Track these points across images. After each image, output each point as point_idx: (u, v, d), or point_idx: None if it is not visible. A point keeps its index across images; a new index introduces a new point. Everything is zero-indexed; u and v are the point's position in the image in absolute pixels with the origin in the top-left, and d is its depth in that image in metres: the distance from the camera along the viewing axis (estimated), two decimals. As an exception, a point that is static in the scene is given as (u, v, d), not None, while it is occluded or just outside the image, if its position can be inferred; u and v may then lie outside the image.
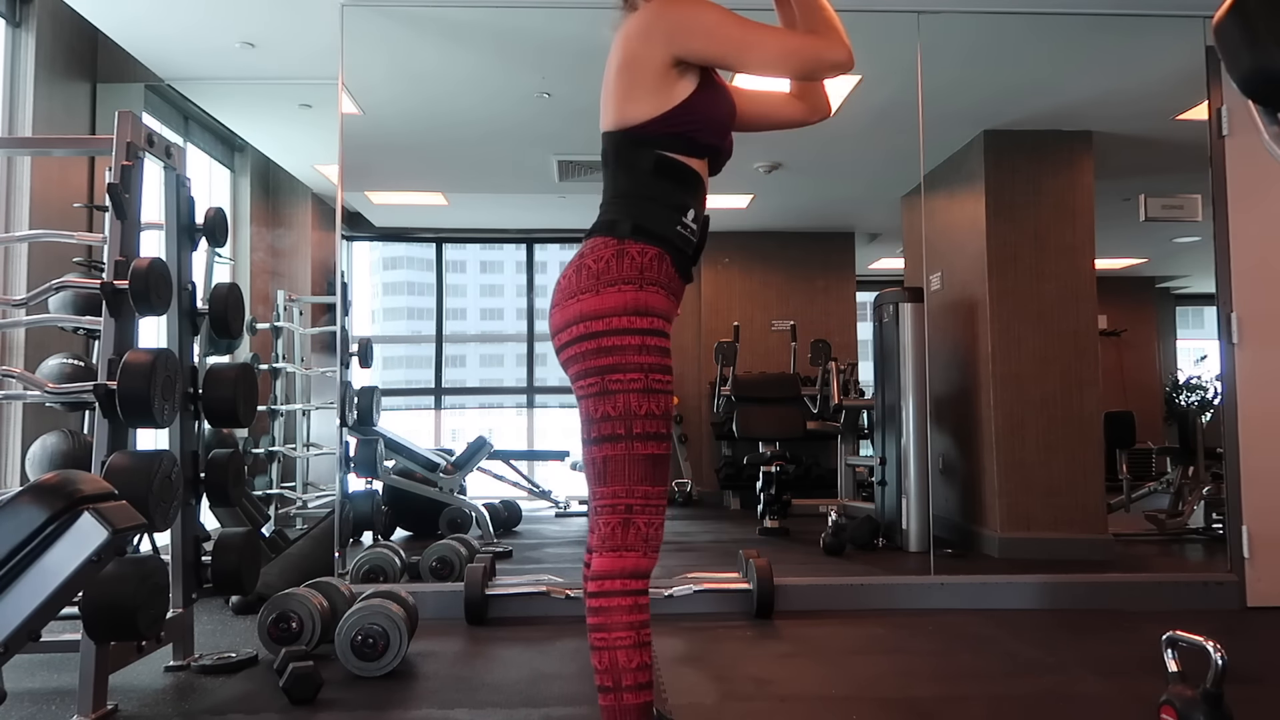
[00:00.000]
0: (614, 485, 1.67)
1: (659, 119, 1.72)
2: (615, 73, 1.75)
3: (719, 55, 1.72)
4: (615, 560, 1.66)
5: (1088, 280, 4.87)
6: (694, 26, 1.70)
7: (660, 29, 1.70)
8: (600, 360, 1.67)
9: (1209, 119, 3.85)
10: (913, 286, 5.19)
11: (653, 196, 1.74)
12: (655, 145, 1.74)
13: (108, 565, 1.97)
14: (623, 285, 1.68)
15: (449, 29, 3.98)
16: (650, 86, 1.72)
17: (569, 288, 1.72)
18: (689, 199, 1.76)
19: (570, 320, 1.70)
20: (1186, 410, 6.54)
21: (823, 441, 6.40)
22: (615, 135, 1.76)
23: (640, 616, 1.66)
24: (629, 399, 1.66)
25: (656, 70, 1.71)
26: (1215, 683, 1.75)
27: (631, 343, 1.67)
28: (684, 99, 1.73)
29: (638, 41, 1.72)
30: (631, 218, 1.72)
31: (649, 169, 1.74)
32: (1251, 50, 1.29)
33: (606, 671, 1.64)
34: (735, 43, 1.70)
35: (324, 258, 6.19)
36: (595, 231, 1.75)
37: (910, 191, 5.45)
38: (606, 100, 1.77)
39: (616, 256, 1.70)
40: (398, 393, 7.13)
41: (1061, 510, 4.75)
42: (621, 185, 1.77)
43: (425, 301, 7.14)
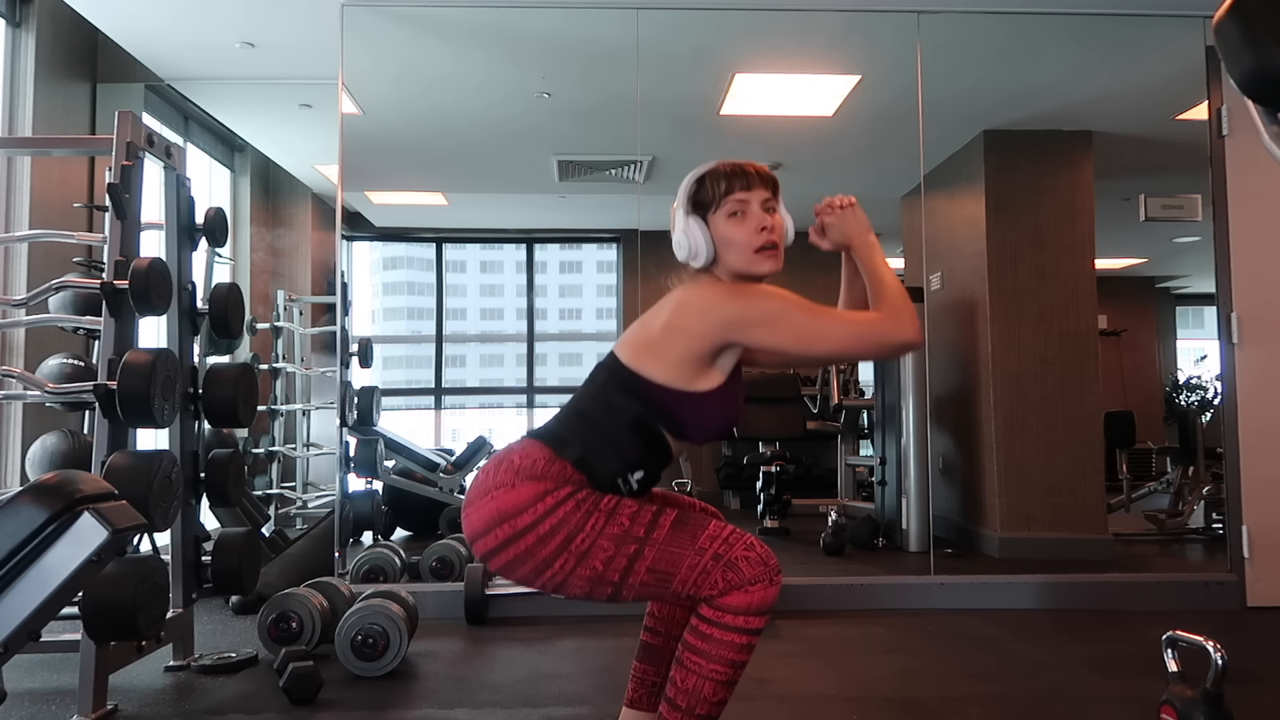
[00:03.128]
0: (681, 574, 1.62)
1: (667, 391, 1.71)
2: (659, 325, 1.73)
3: (780, 349, 1.71)
4: (742, 597, 1.60)
5: (1088, 280, 4.87)
6: (759, 319, 1.68)
7: (722, 317, 1.69)
8: (550, 547, 1.63)
9: (1209, 119, 3.85)
10: (913, 286, 5.16)
11: (613, 442, 1.72)
12: (647, 405, 1.72)
13: (108, 565, 1.97)
14: (542, 480, 1.66)
15: (449, 29, 3.98)
16: (680, 359, 1.70)
17: (485, 483, 1.69)
18: (646, 462, 1.74)
19: (491, 521, 1.66)
20: (1186, 410, 6.54)
21: (823, 441, 6.39)
22: (622, 368, 1.74)
23: (744, 657, 1.61)
24: (600, 539, 1.62)
25: (696, 351, 1.70)
26: (1215, 683, 1.75)
27: (566, 509, 1.64)
28: (701, 391, 1.72)
29: (695, 317, 1.70)
30: (583, 449, 1.70)
31: (628, 419, 1.72)
32: (1251, 50, 1.29)
33: (684, 693, 1.61)
34: (800, 335, 1.69)
35: (324, 258, 6.19)
36: (540, 435, 1.73)
37: (910, 191, 5.45)
38: (640, 333, 1.76)
39: (546, 463, 1.68)
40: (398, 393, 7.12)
41: (1061, 510, 4.75)
42: (591, 411, 1.75)
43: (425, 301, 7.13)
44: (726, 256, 1.78)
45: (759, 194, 1.78)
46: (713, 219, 1.78)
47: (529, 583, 1.68)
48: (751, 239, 1.76)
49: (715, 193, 1.77)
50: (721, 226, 1.77)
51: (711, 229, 1.78)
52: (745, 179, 1.78)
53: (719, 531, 1.64)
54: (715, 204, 1.77)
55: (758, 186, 1.78)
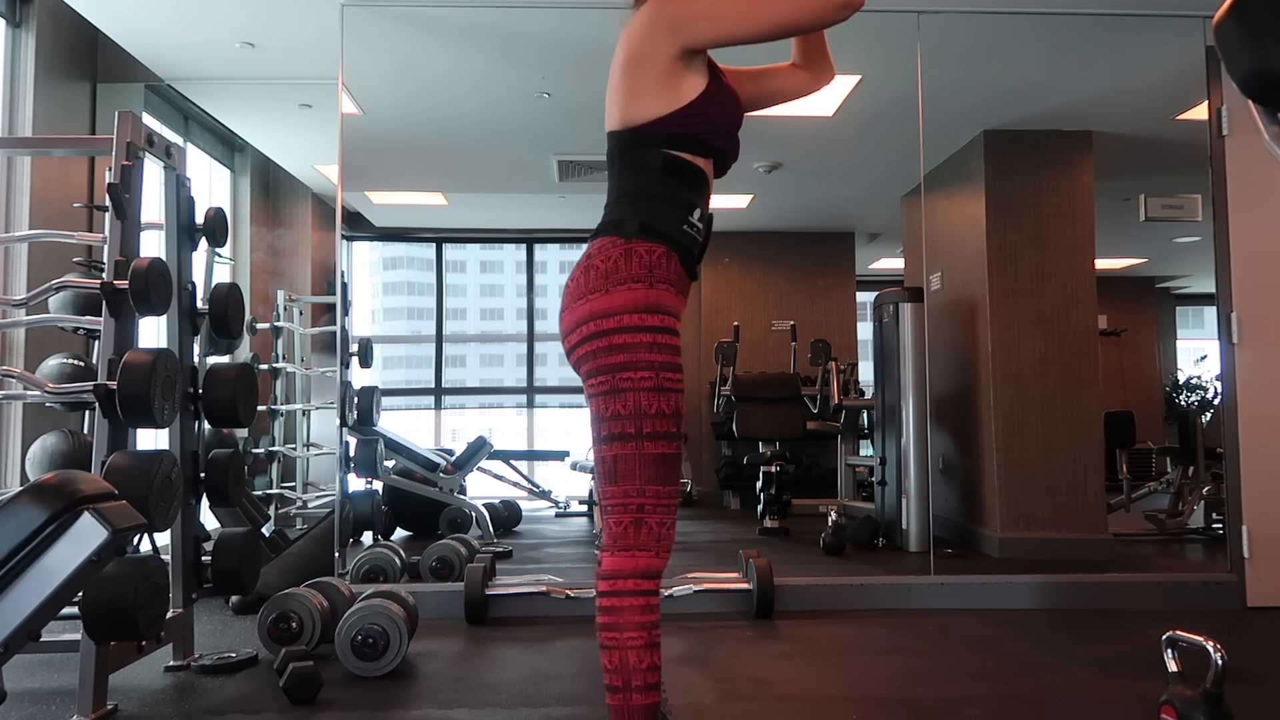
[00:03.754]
0: (625, 484, 1.66)
1: (667, 118, 1.71)
2: (620, 71, 1.74)
3: (727, 33, 1.70)
4: (627, 559, 1.65)
5: (1088, 280, 4.87)
6: (696, 10, 1.68)
7: (662, 22, 1.69)
8: (611, 358, 1.66)
9: (1209, 119, 3.85)
10: (913, 286, 5.19)
11: (660, 196, 1.73)
12: (662, 144, 1.73)
13: (108, 565, 1.97)
14: (632, 284, 1.67)
15: (449, 29, 3.98)
16: (657, 84, 1.71)
17: (578, 289, 1.71)
18: (695, 198, 1.75)
19: (580, 320, 1.69)
20: (1186, 410, 6.54)
21: (823, 441, 6.39)
22: (621, 134, 1.75)
23: (651, 617, 1.65)
24: (639, 397, 1.64)
25: (663, 67, 1.70)
26: (1215, 683, 1.75)
27: (643, 340, 1.66)
28: (692, 99, 1.72)
29: (642, 38, 1.71)
30: (638, 216, 1.71)
31: (656, 168, 1.73)
32: (1251, 50, 1.29)
33: (616, 671, 1.63)
34: (740, 16, 1.68)
35: (324, 258, 6.19)
36: (602, 231, 1.74)
37: (910, 191, 5.45)
38: (612, 99, 1.76)
39: (625, 255, 1.69)
40: (398, 393, 7.12)
41: (1061, 510, 4.75)
42: (627, 184, 1.76)
43: (425, 301, 7.14)
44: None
45: None
46: None
47: (584, 377, 1.71)
48: None
49: None
50: None
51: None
52: None
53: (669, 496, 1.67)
54: None
55: None
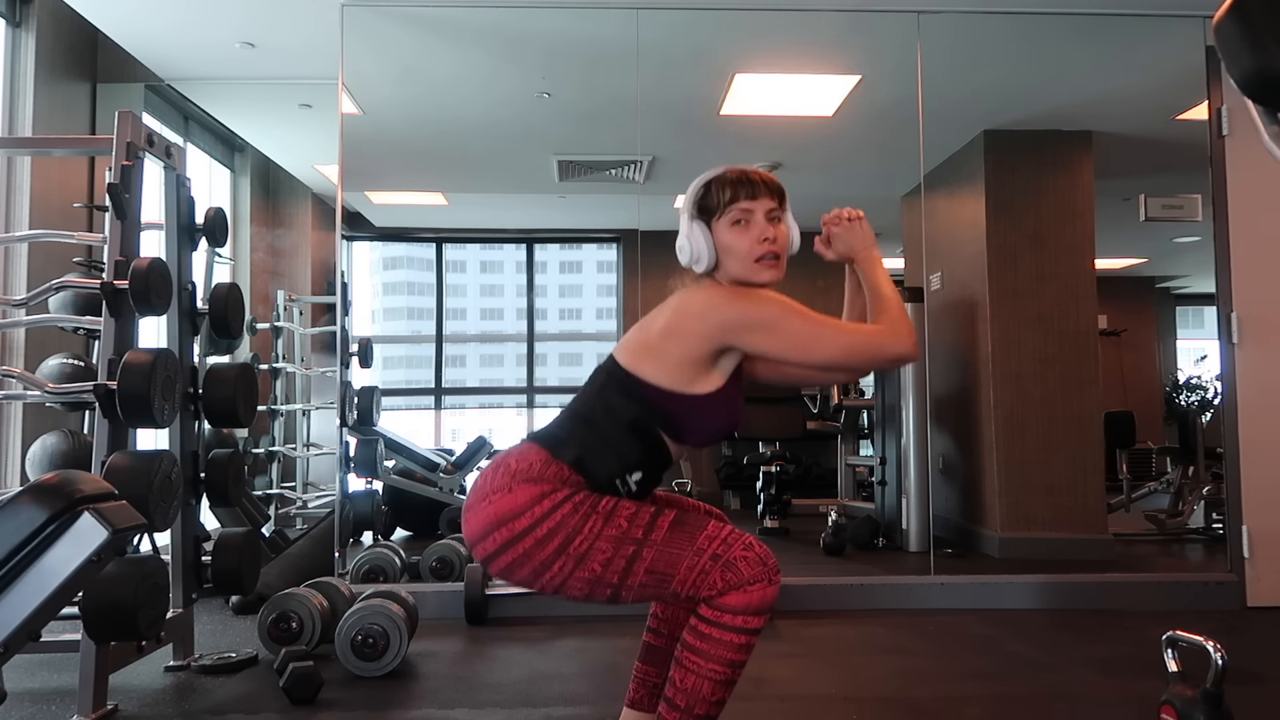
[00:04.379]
0: (681, 572, 1.62)
1: (666, 394, 1.71)
2: (658, 328, 1.73)
3: (779, 352, 1.71)
4: (740, 596, 1.59)
5: (1088, 280, 4.87)
6: (757, 323, 1.68)
7: (720, 320, 1.69)
8: (548, 550, 1.63)
9: (1209, 119, 3.85)
10: (913, 286, 5.19)
11: (613, 446, 1.72)
12: (644, 408, 1.72)
13: (108, 565, 1.97)
14: (539, 482, 1.66)
15: (449, 29, 3.98)
16: (678, 362, 1.71)
17: (483, 487, 1.69)
18: (645, 464, 1.74)
19: (489, 526, 1.66)
20: (1186, 410, 6.54)
21: (823, 441, 6.39)
22: (620, 369, 1.75)
23: (743, 657, 1.61)
24: (598, 541, 1.62)
25: (695, 354, 1.70)
26: (1215, 683, 1.75)
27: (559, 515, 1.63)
28: (700, 394, 1.72)
29: (694, 319, 1.71)
30: (580, 451, 1.70)
31: (626, 422, 1.72)
32: (1251, 50, 1.29)
33: (683, 693, 1.61)
34: (798, 341, 1.69)
35: (324, 258, 6.19)
36: (537, 438, 1.74)
37: (910, 191, 5.45)
38: (639, 336, 1.76)
39: (543, 465, 1.68)
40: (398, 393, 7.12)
41: (1061, 510, 4.75)
42: (592, 413, 1.75)
43: (425, 301, 7.13)
44: (728, 263, 1.78)
45: (764, 203, 1.78)
46: (716, 225, 1.78)
47: (529, 585, 1.68)
48: (753, 248, 1.76)
49: (720, 200, 1.77)
50: (724, 234, 1.77)
51: (715, 235, 1.78)
52: (751, 187, 1.78)
53: (717, 532, 1.64)
54: (720, 211, 1.77)
55: (763, 196, 1.78)
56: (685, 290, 1.77)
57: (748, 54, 4.22)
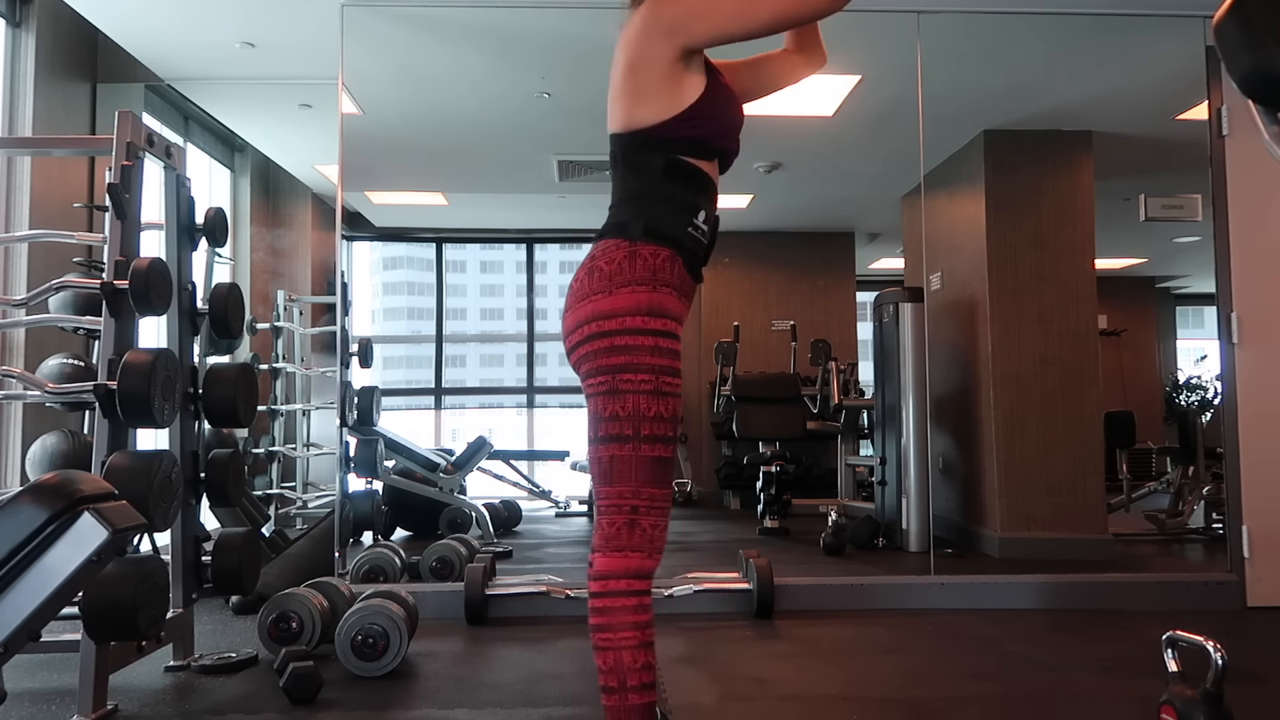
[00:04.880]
0: (620, 485, 1.66)
1: (669, 122, 1.72)
2: (621, 75, 1.74)
3: (724, 30, 1.70)
4: (619, 560, 1.65)
5: (1088, 280, 4.87)
6: (692, 10, 1.69)
7: (659, 24, 1.69)
8: (612, 359, 1.66)
9: (1209, 119, 3.85)
10: (913, 286, 5.20)
11: (664, 198, 1.73)
12: (666, 148, 1.73)
13: (108, 565, 1.97)
14: (636, 286, 1.67)
15: (449, 29, 3.98)
16: (658, 87, 1.71)
17: (581, 289, 1.71)
18: (700, 200, 1.75)
19: (583, 320, 1.69)
20: (1186, 410, 6.54)
21: (823, 441, 6.39)
22: (624, 137, 1.75)
23: (644, 616, 1.65)
24: (639, 400, 1.65)
25: (662, 69, 1.70)
26: (1215, 683, 1.75)
27: (644, 343, 1.66)
28: (693, 102, 1.72)
29: (640, 41, 1.71)
30: (644, 219, 1.71)
31: (660, 171, 1.73)
32: (1251, 50, 1.29)
33: (611, 671, 1.64)
34: (736, 11, 1.69)
35: (324, 258, 6.19)
36: (606, 233, 1.74)
37: (910, 191, 5.45)
38: (614, 102, 1.76)
39: (629, 258, 1.69)
40: (398, 393, 7.12)
41: (1061, 510, 4.75)
42: (632, 187, 1.76)
43: (425, 301, 7.14)
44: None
45: None
46: None
47: (584, 377, 1.71)
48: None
49: None
50: None
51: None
52: None
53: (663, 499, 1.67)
54: None
55: None
56: (623, 27, 1.77)
57: (747, 53, 4.21)
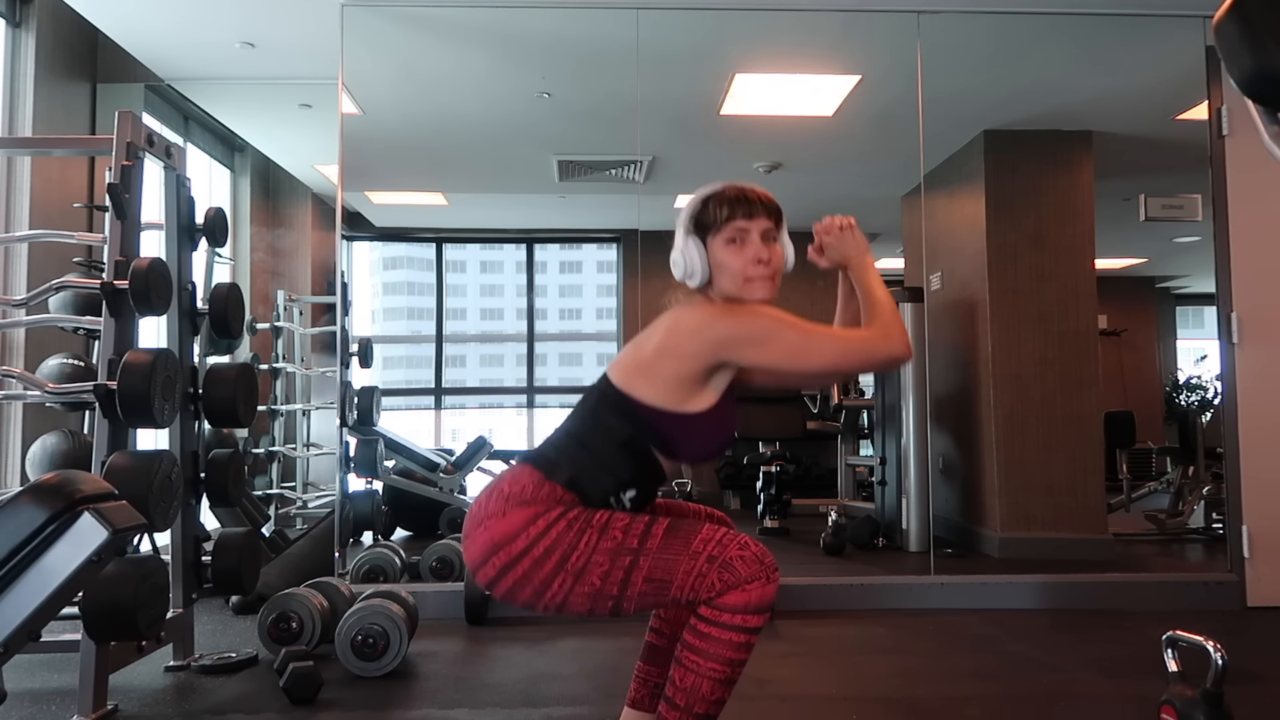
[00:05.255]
0: (679, 578, 1.62)
1: (659, 414, 1.72)
2: (652, 348, 1.74)
3: (773, 364, 1.71)
4: (739, 595, 1.60)
5: (1088, 280, 4.87)
6: (750, 338, 1.69)
7: (713, 337, 1.69)
8: (546, 567, 1.63)
9: (1209, 119, 3.85)
10: (913, 286, 5.19)
11: (606, 464, 1.73)
12: (638, 426, 1.72)
13: (108, 565, 1.97)
14: (532, 505, 1.67)
15: (449, 29, 3.98)
16: (671, 380, 1.71)
17: (478, 513, 1.70)
18: (639, 482, 1.75)
19: (486, 551, 1.67)
20: (1186, 410, 6.54)
21: (823, 441, 6.39)
22: (613, 389, 1.75)
23: (742, 656, 1.61)
24: (596, 555, 1.63)
25: (688, 372, 1.70)
26: (1215, 683, 1.75)
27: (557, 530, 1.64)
28: (693, 413, 1.72)
29: (686, 338, 1.71)
30: (573, 471, 1.71)
31: (620, 441, 1.73)
32: (1251, 50, 1.29)
33: (683, 691, 1.61)
34: (791, 352, 1.69)
35: (324, 258, 6.19)
36: (531, 460, 1.74)
37: (910, 191, 5.45)
38: (632, 355, 1.77)
39: (535, 486, 1.68)
40: (398, 393, 7.12)
41: (1061, 510, 4.75)
42: (583, 433, 1.76)
43: (425, 301, 7.14)
44: (721, 281, 1.78)
45: (760, 223, 1.77)
46: (711, 242, 1.77)
47: (533, 606, 1.68)
48: (747, 268, 1.76)
49: (717, 217, 1.77)
50: (719, 251, 1.77)
51: (709, 252, 1.77)
52: (748, 207, 1.77)
53: (712, 534, 1.64)
54: (715, 228, 1.77)
55: (760, 215, 1.78)
56: (678, 308, 1.77)
57: (748, 54, 4.22)
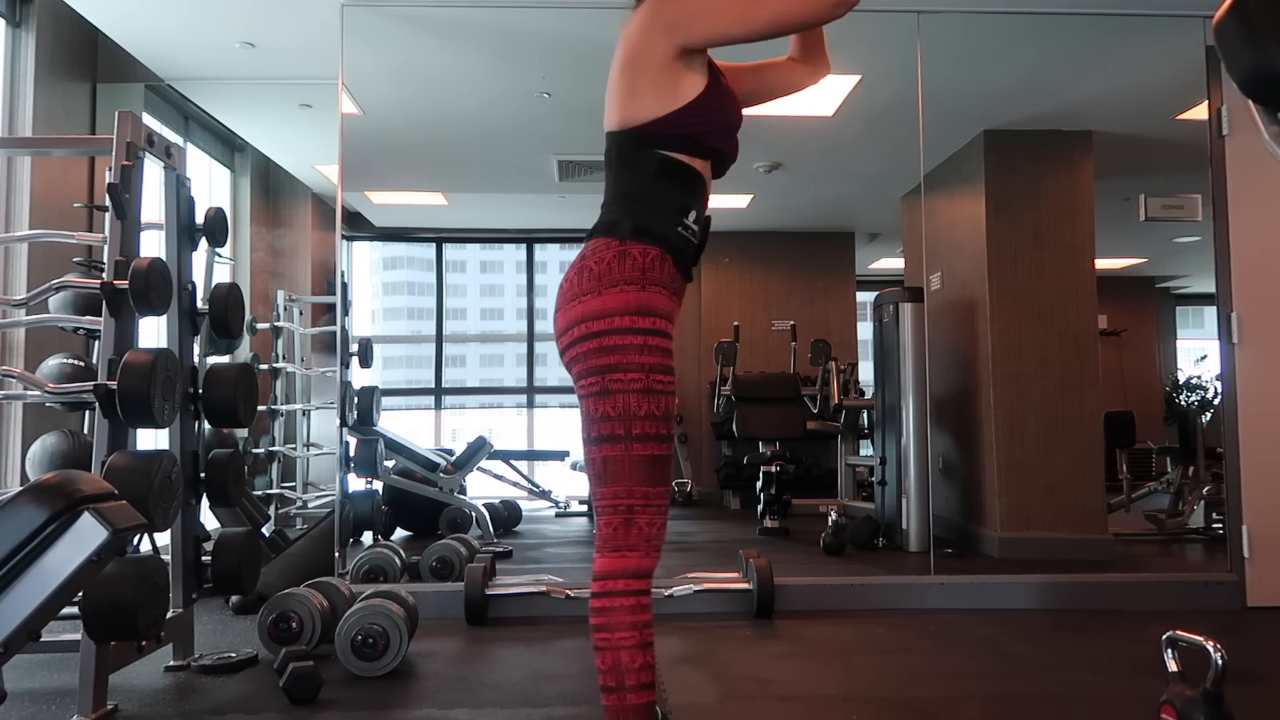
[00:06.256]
0: (615, 485, 1.65)
1: (664, 119, 1.71)
2: (619, 71, 1.73)
3: (724, 32, 1.70)
4: (617, 560, 1.65)
5: (1088, 280, 4.87)
6: (693, 10, 1.68)
7: (660, 22, 1.69)
8: (601, 359, 1.66)
9: (1209, 119, 3.85)
10: (913, 286, 5.19)
11: (655, 197, 1.73)
12: (659, 145, 1.72)
13: (108, 565, 1.97)
14: (625, 286, 1.67)
15: (449, 29, 3.98)
16: (655, 85, 1.70)
17: (571, 290, 1.71)
18: (691, 200, 1.75)
19: (573, 321, 1.69)
20: (1186, 410, 6.54)
21: (823, 441, 6.39)
22: (618, 135, 1.75)
23: (643, 616, 1.65)
24: (628, 399, 1.64)
25: (661, 66, 1.70)
26: (1215, 683, 1.75)
27: (634, 342, 1.66)
28: (690, 100, 1.72)
29: (639, 37, 1.71)
30: (633, 218, 1.71)
31: (652, 169, 1.73)
32: (1251, 50, 1.29)
33: (609, 671, 1.63)
34: (737, 14, 1.68)
35: (324, 258, 6.19)
36: (596, 232, 1.74)
37: (910, 191, 5.45)
38: (611, 99, 1.76)
39: (618, 257, 1.68)
40: (398, 393, 7.12)
41: (1061, 510, 4.75)
42: (624, 185, 1.76)
43: (425, 301, 7.14)
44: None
45: None
46: None
47: (575, 379, 1.70)
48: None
49: None
50: None
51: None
52: None
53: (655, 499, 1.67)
54: None
55: None
56: (625, 25, 1.76)
57: (748, 54, 4.21)
